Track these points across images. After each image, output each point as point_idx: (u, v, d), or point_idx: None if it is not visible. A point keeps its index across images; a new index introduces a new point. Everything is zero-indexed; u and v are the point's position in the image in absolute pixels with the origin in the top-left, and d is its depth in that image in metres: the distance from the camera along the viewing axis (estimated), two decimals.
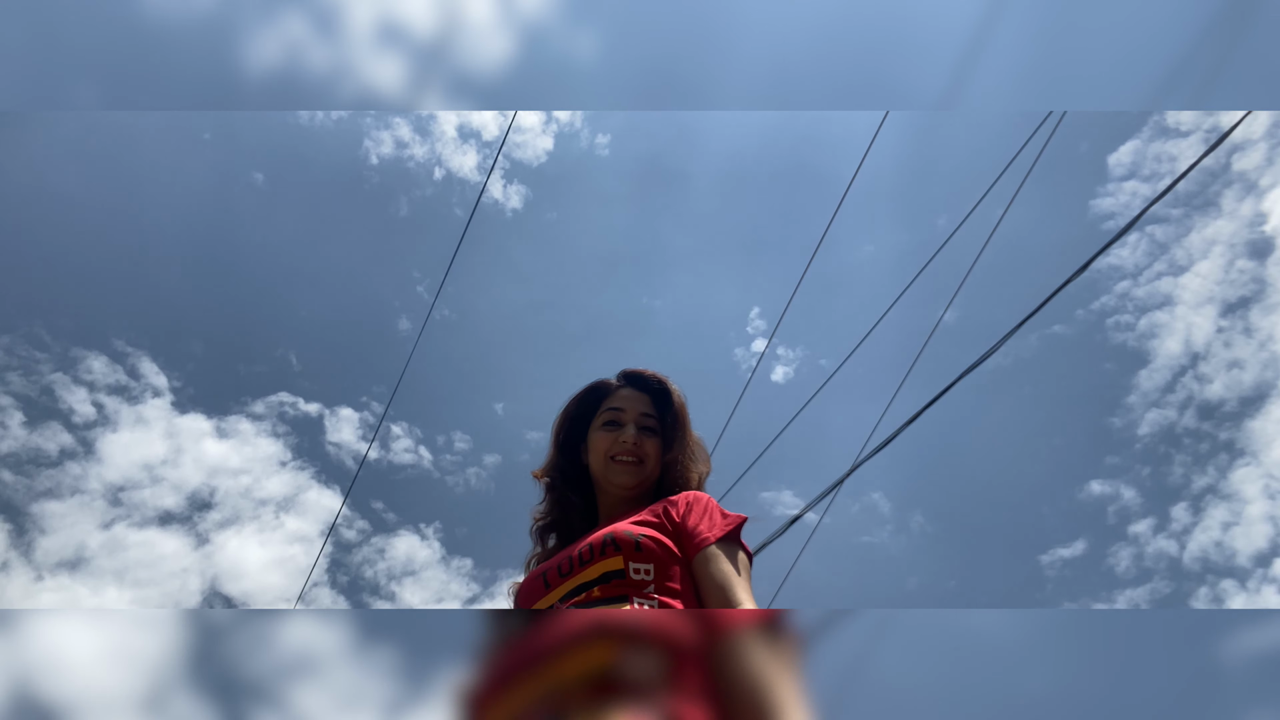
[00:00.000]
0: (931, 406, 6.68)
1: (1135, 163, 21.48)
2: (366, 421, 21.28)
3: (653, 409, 2.26)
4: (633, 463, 2.15)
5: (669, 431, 2.24)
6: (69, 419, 20.27)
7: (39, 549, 19.36)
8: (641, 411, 2.24)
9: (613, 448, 2.17)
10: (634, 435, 2.16)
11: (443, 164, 23.23)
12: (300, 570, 21.44)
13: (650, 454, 2.17)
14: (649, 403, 2.26)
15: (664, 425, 2.24)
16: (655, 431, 2.21)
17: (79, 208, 20.86)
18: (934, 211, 19.93)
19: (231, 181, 21.44)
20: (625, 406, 2.25)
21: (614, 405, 2.27)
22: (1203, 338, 22.24)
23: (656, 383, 2.32)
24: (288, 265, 23.74)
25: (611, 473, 2.15)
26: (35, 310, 20.13)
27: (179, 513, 21.12)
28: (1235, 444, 22.03)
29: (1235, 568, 21.06)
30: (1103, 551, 22.19)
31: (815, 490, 7.92)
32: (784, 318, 8.56)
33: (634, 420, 2.22)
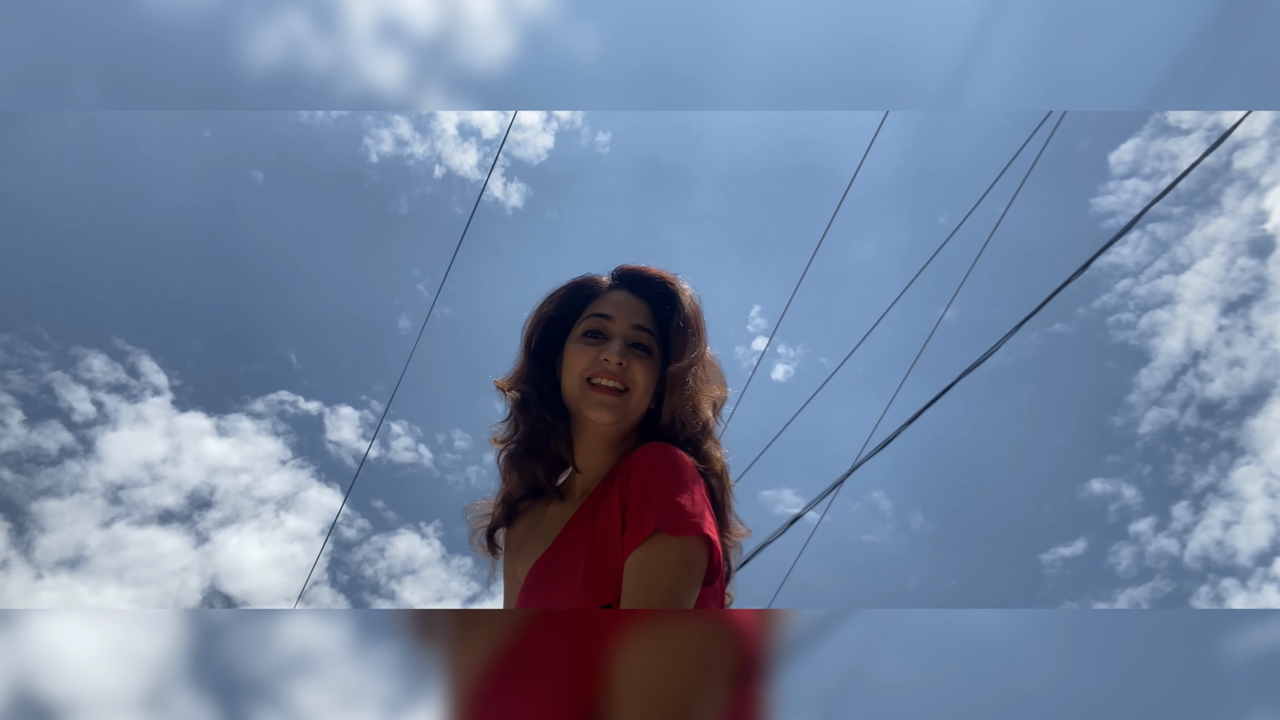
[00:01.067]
0: (932, 405, 6.69)
1: (1136, 161, 21.46)
2: (367, 420, 21.27)
3: (651, 321, 1.77)
4: (613, 391, 1.70)
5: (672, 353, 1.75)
6: (69, 417, 20.27)
7: (39, 547, 19.36)
8: (634, 324, 1.75)
9: (590, 367, 1.71)
10: (619, 354, 1.69)
11: (443, 162, 23.19)
12: (300, 569, 21.44)
13: (639, 381, 1.71)
14: (647, 313, 1.78)
15: (664, 343, 1.76)
16: (649, 351, 1.74)
17: (78, 205, 20.84)
18: (935, 210, 19.93)
19: (231, 179, 21.42)
20: (614, 314, 1.76)
21: (600, 311, 1.77)
22: (1204, 336, 22.22)
23: (660, 284, 1.80)
24: (288, 263, 23.72)
25: (586, 402, 1.71)
26: (35, 308, 20.13)
27: (179, 511, 21.11)
28: (1236, 443, 22.02)
29: (1236, 567, 21.06)
30: (1103, 550, 22.17)
31: (815, 489, 7.94)
32: (785, 316, 8.57)
33: (622, 333, 1.74)
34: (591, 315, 1.77)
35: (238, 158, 21.77)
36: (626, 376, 1.70)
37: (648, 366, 1.73)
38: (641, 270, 1.83)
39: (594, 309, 1.78)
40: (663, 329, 1.78)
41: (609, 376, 1.69)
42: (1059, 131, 7.11)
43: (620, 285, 1.82)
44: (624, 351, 1.71)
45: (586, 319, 1.77)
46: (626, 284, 1.81)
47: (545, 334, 1.83)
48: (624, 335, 1.74)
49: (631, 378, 1.70)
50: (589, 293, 1.81)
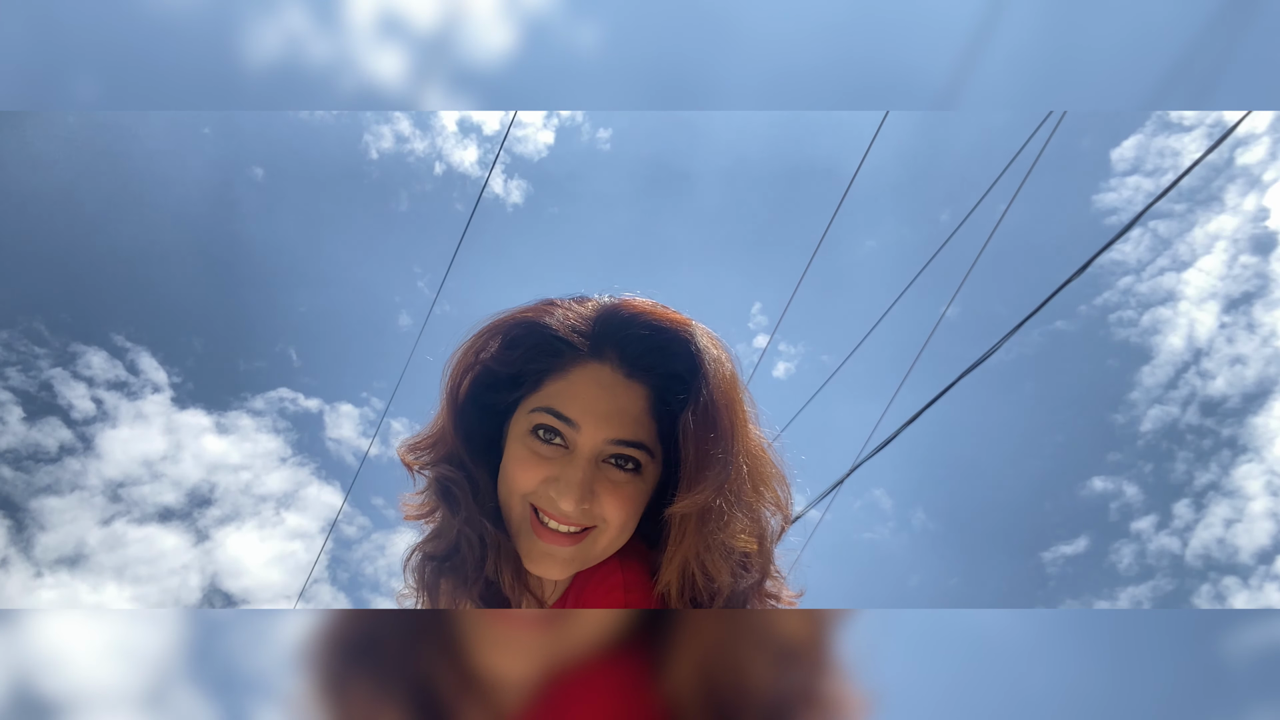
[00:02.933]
0: (933, 404, 6.68)
1: (1138, 158, 21.41)
2: (367, 417, 21.19)
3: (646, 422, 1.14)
4: (567, 538, 1.15)
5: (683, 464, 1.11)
6: (68, 415, 20.24)
7: (38, 545, 19.34)
8: (613, 437, 1.14)
9: (536, 494, 1.16)
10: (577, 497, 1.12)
11: (443, 159, 23.15)
12: (300, 566, 21.42)
13: (612, 519, 1.15)
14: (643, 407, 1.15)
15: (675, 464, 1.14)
16: (638, 468, 1.17)
17: (77, 203, 20.82)
18: (936, 207, 19.91)
19: (231, 176, 21.42)
20: (582, 419, 1.13)
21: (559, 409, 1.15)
22: (1205, 333, 22.17)
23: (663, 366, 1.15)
24: (288, 260, 23.70)
25: (526, 544, 1.17)
26: (34, 305, 20.12)
27: (179, 509, 21.07)
28: (1238, 440, 21.97)
29: (1237, 564, 21.02)
30: (1105, 548, 22.13)
31: (816, 486, 7.94)
32: (786, 313, 8.56)
33: (592, 451, 1.15)
34: (546, 409, 1.16)
35: (238, 155, 21.79)
36: (590, 515, 1.16)
37: (628, 496, 1.17)
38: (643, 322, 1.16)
39: (553, 397, 1.16)
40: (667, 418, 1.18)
41: (562, 519, 1.15)
42: (1061, 128, 7.11)
43: (603, 351, 1.17)
44: (587, 486, 1.14)
45: (538, 409, 1.17)
46: (613, 345, 1.17)
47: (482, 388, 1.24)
48: (594, 453, 1.16)
49: (599, 513, 1.16)
50: (551, 360, 1.18)
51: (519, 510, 1.19)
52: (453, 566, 1.22)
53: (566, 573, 1.18)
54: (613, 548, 1.20)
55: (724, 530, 1.13)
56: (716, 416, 1.12)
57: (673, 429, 1.17)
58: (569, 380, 1.17)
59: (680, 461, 1.15)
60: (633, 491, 1.17)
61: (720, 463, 1.11)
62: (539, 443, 1.17)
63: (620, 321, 1.19)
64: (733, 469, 1.13)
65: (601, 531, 1.18)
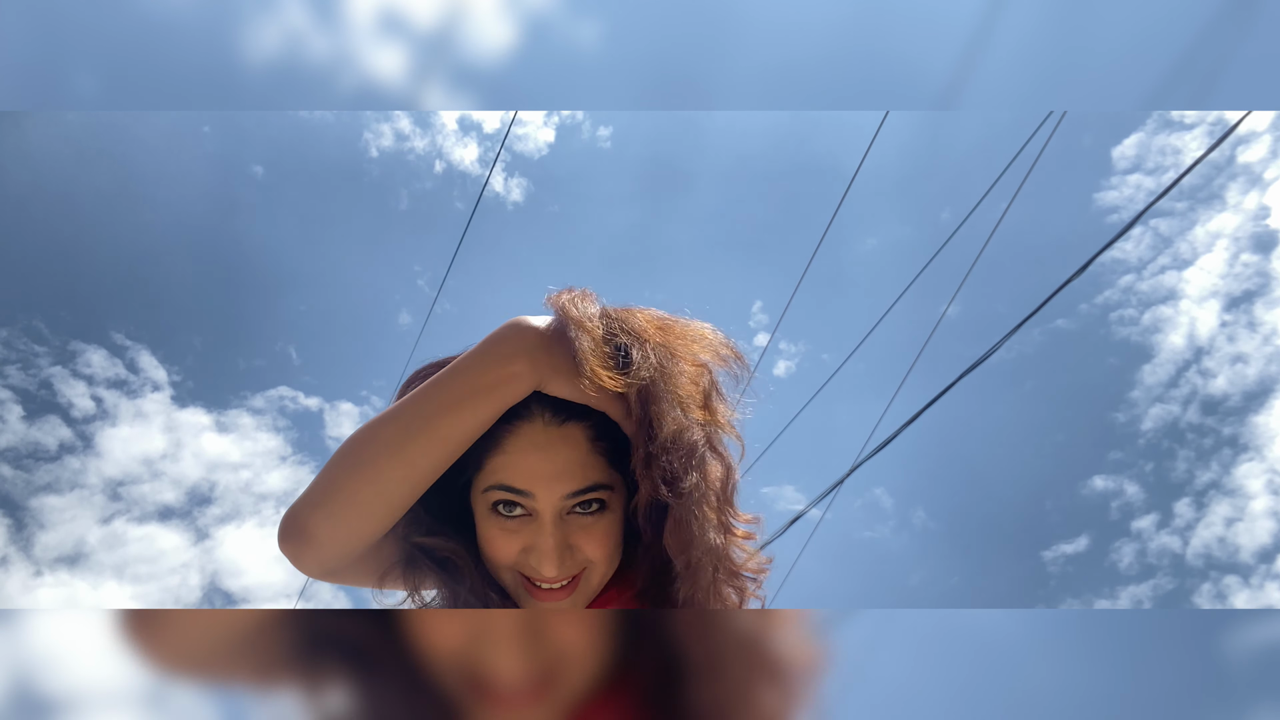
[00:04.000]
0: (934, 403, 6.68)
1: (1139, 155, 21.41)
2: (367, 416, 21.30)
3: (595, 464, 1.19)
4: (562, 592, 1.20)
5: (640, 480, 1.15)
6: (68, 413, 20.23)
7: (38, 544, 19.33)
8: (568, 492, 1.17)
9: (519, 564, 1.21)
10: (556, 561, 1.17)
11: (443, 156, 23.15)
12: None
13: (597, 557, 1.21)
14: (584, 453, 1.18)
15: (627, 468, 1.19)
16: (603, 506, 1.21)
17: (77, 200, 20.82)
18: (937, 206, 19.92)
19: (231, 174, 21.42)
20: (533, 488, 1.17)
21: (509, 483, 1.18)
22: (1207, 332, 22.18)
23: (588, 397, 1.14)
24: (288, 258, 23.70)
25: (524, 603, 1.23)
26: (33, 303, 20.12)
27: (179, 507, 21.06)
28: (1239, 439, 21.98)
29: (1238, 563, 21.03)
30: (1106, 547, 22.14)
31: (817, 485, 7.95)
32: (786, 312, 8.56)
33: (554, 511, 1.18)
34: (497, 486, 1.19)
35: (238, 153, 21.80)
36: (575, 563, 1.21)
37: (604, 531, 1.21)
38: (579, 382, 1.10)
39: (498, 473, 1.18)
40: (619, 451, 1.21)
41: (550, 581, 1.20)
42: (1062, 126, 7.11)
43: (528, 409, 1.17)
44: (563, 547, 1.19)
45: (489, 489, 1.19)
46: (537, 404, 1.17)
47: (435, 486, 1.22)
48: (556, 510, 1.18)
49: (584, 559, 1.21)
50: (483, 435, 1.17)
51: (510, 579, 1.24)
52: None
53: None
54: (607, 577, 1.27)
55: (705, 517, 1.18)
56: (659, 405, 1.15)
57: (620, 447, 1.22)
58: (507, 453, 1.19)
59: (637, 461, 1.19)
60: (606, 527, 1.22)
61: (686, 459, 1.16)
62: (502, 519, 1.21)
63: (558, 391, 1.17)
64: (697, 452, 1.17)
65: (592, 571, 1.24)
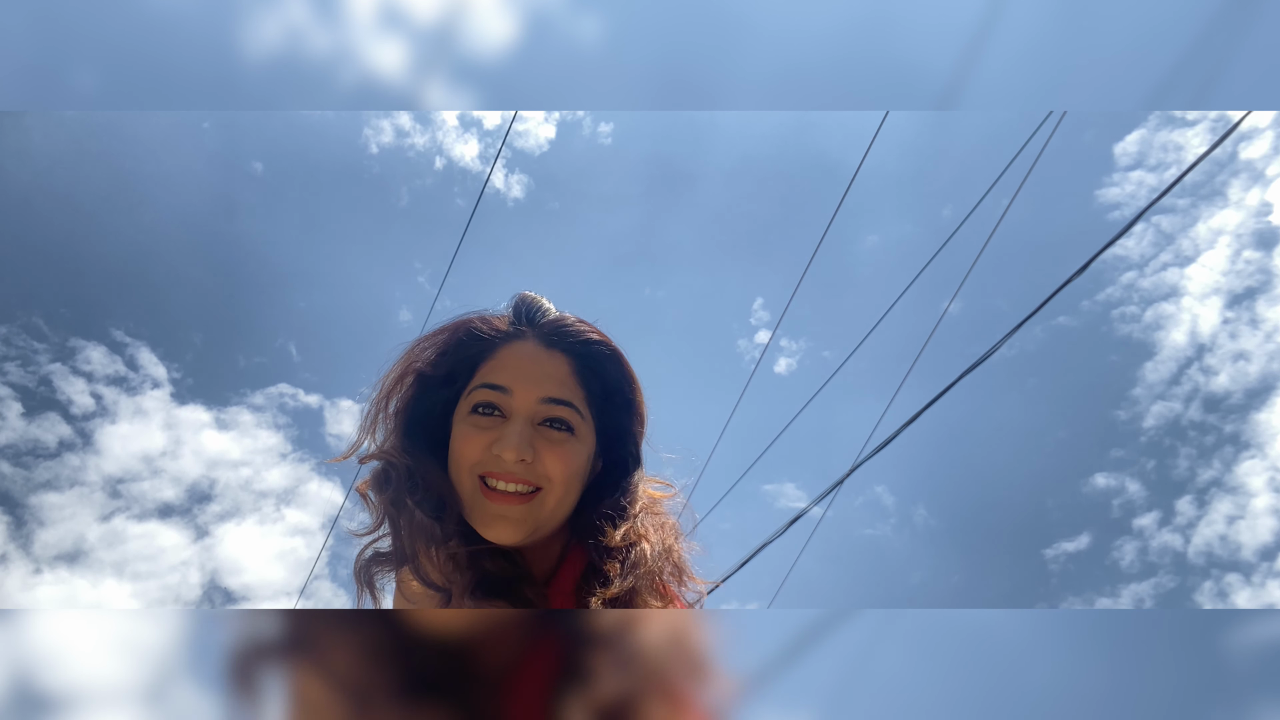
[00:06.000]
0: (936, 400, 6.68)
1: (1141, 152, 21.37)
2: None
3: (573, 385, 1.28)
4: (517, 498, 1.21)
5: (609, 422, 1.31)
6: (67, 410, 20.21)
7: (38, 541, 19.32)
8: (545, 396, 1.25)
9: (483, 462, 1.23)
10: (517, 446, 1.20)
11: (443, 153, 23.14)
12: (300, 563, 21.44)
13: (555, 475, 1.23)
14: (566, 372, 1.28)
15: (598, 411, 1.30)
16: (570, 429, 1.26)
17: (76, 197, 20.81)
18: (938, 203, 19.89)
19: (231, 171, 21.40)
20: (513, 384, 1.25)
21: (493, 381, 1.26)
22: (1208, 329, 22.14)
23: (579, 338, 1.30)
24: (288, 255, 23.69)
25: (480, 513, 1.22)
26: (33, 300, 20.10)
27: (179, 505, 21.05)
28: (1241, 437, 21.95)
29: (1240, 562, 21.00)
30: (1107, 545, 22.11)
31: (817, 482, 7.95)
32: (788, 309, 8.55)
33: (527, 411, 1.25)
34: (481, 385, 1.26)
35: (237, 149, 21.78)
36: (534, 473, 1.23)
37: (567, 453, 1.24)
38: (548, 312, 1.32)
39: (486, 374, 1.28)
40: (594, 396, 1.31)
41: (508, 477, 1.22)
42: (1063, 123, 7.11)
43: (524, 333, 1.31)
44: (526, 439, 1.22)
45: (474, 389, 1.27)
46: (534, 330, 1.31)
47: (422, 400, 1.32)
48: (529, 414, 1.25)
49: (543, 472, 1.23)
50: (478, 347, 1.30)
51: (469, 485, 1.25)
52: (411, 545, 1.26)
53: (519, 536, 1.22)
54: (560, 509, 1.26)
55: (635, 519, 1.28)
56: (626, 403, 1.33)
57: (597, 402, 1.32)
58: (498, 359, 1.29)
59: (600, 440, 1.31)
60: (572, 449, 1.26)
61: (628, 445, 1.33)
62: (478, 418, 1.26)
63: (530, 307, 1.34)
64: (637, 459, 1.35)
65: (548, 492, 1.24)
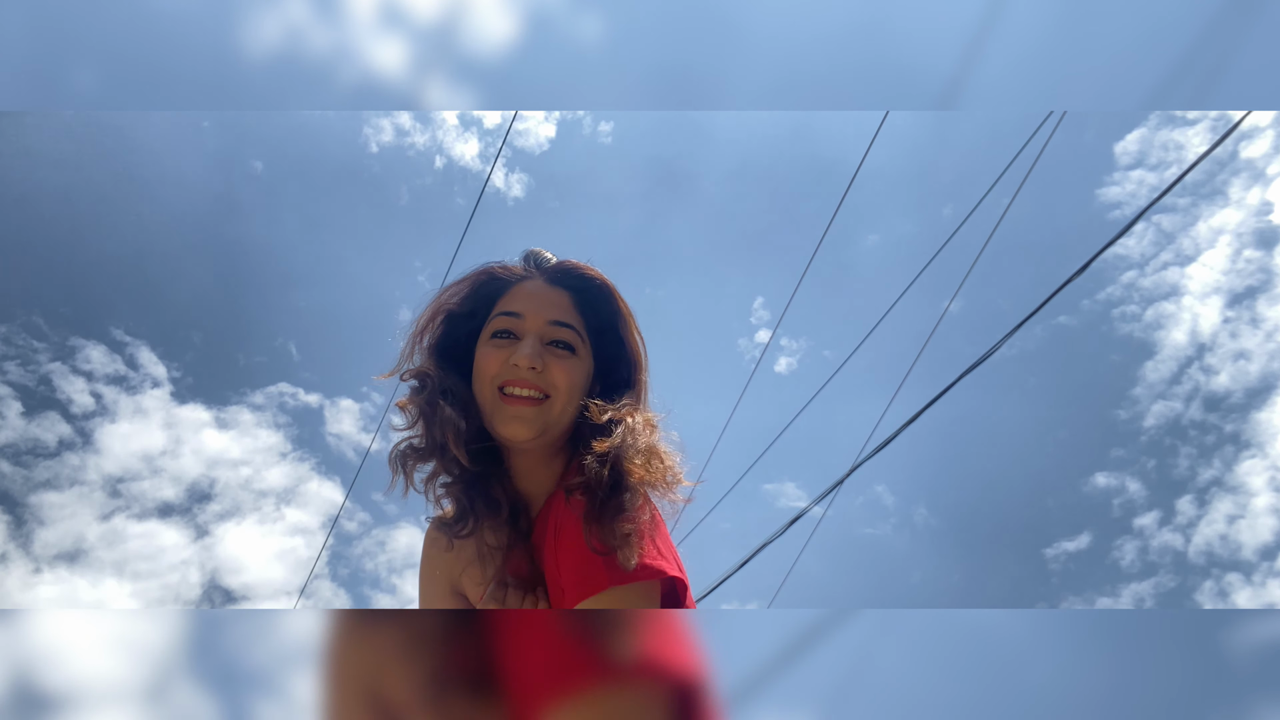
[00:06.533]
0: (936, 400, 6.67)
1: (1142, 151, 21.35)
2: (368, 413, 21.16)
3: (573, 314, 1.55)
4: (529, 401, 1.46)
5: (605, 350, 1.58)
6: (67, 409, 20.18)
7: (37, 541, 19.31)
8: (551, 319, 1.52)
9: (501, 373, 1.48)
10: (530, 356, 1.45)
11: (443, 152, 23.12)
12: (300, 562, 21.42)
13: (560, 384, 1.48)
14: (568, 304, 1.56)
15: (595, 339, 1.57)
16: (572, 349, 1.52)
17: (76, 196, 20.80)
18: (939, 202, 19.88)
19: (231, 170, 21.39)
20: (525, 309, 1.53)
21: (508, 309, 1.54)
22: (1209, 328, 22.12)
23: (578, 275, 1.59)
24: (288, 254, 23.67)
25: (498, 416, 1.47)
26: (33, 299, 20.09)
27: (179, 504, 21.03)
28: (1241, 436, 21.92)
29: (1240, 561, 20.98)
30: (1107, 545, 22.08)
31: (818, 481, 7.95)
32: (788, 309, 8.55)
33: (536, 331, 1.51)
34: (499, 313, 1.54)
35: (237, 148, 21.75)
36: (543, 381, 1.47)
37: (570, 366, 1.50)
38: (559, 261, 1.60)
39: (503, 306, 1.55)
40: (591, 326, 1.58)
41: (522, 384, 1.46)
42: (1064, 122, 7.10)
43: (533, 274, 1.60)
44: (537, 352, 1.48)
45: (495, 318, 1.54)
46: (542, 271, 1.60)
47: (450, 333, 1.59)
48: (538, 333, 1.51)
49: (550, 381, 1.47)
50: (496, 286, 1.59)
51: (490, 395, 1.49)
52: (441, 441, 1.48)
53: (530, 434, 1.45)
54: (564, 416, 1.48)
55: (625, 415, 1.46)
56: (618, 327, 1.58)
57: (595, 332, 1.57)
58: (512, 294, 1.56)
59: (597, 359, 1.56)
60: (574, 364, 1.51)
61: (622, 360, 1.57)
62: (497, 342, 1.52)
63: (538, 255, 1.62)
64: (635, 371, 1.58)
65: (555, 399, 1.47)
